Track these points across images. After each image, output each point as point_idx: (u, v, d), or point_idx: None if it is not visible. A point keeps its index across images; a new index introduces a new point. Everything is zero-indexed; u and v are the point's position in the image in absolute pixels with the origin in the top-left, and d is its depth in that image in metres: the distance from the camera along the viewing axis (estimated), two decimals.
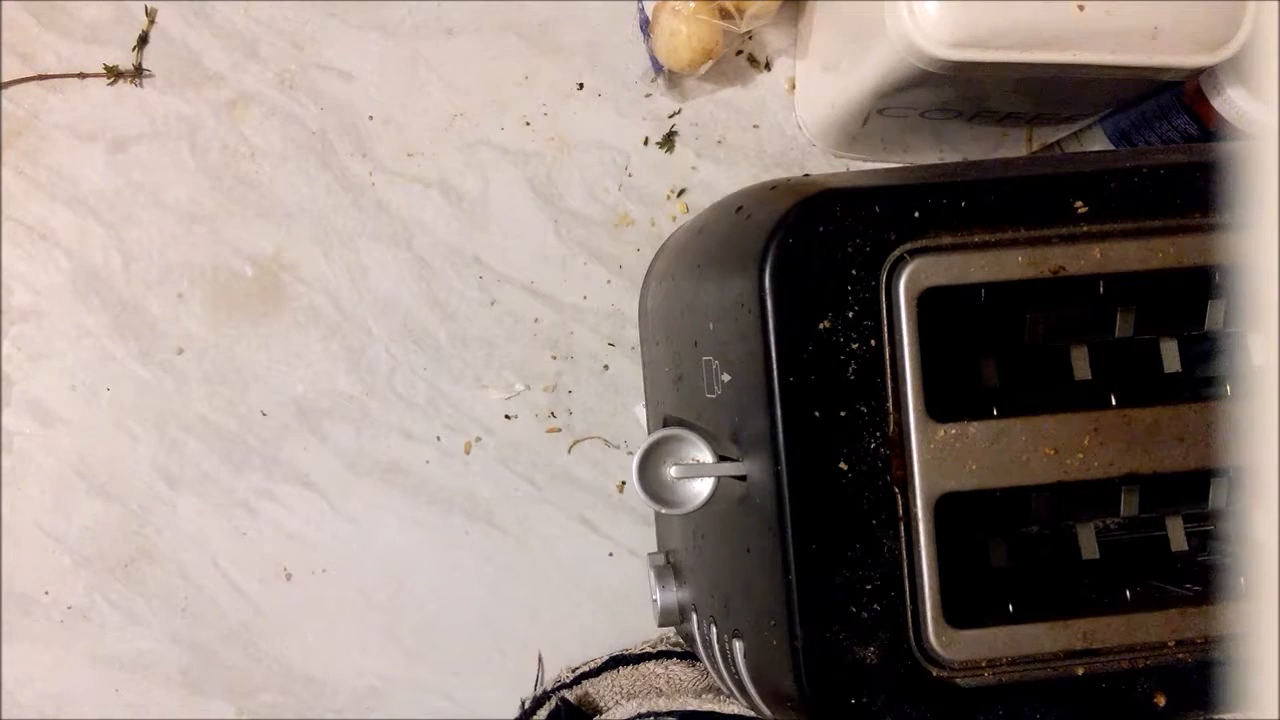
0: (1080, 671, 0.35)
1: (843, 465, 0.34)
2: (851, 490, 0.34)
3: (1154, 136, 0.56)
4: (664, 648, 0.62)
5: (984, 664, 0.35)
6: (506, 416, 0.63)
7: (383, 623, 0.63)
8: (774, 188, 0.38)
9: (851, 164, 0.65)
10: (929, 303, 0.35)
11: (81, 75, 0.61)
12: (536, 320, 0.63)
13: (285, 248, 0.62)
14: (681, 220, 0.63)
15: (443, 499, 0.63)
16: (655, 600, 0.52)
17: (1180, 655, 0.35)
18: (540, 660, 0.64)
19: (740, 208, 0.40)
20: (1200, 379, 0.41)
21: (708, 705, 0.57)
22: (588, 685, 0.61)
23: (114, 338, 0.61)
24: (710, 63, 0.59)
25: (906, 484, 0.35)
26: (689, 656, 0.61)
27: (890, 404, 0.35)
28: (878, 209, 0.34)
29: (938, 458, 0.35)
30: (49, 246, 0.61)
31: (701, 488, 0.40)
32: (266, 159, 0.62)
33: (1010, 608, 0.36)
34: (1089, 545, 0.39)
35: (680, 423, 0.48)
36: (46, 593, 0.62)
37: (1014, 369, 0.39)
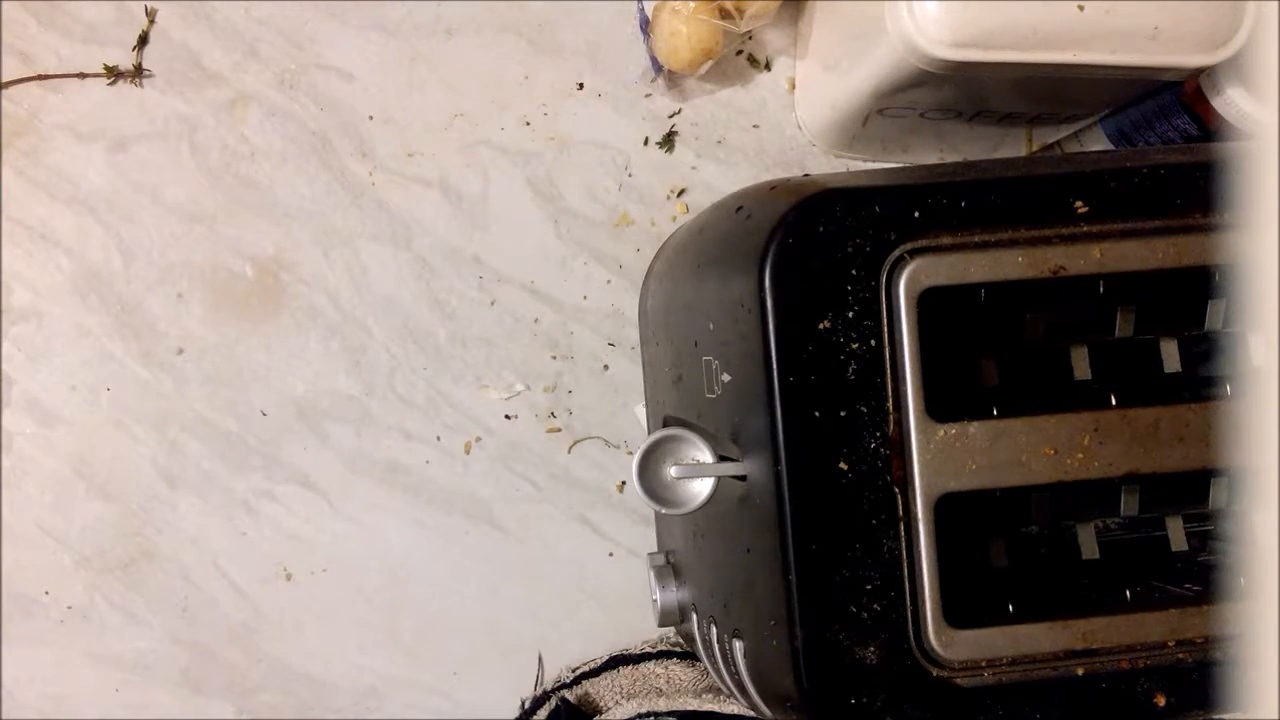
0: (1080, 671, 0.35)
1: (843, 465, 0.34)
2: (851, 490, 0.34)
3: (1154, 136, 0.56)
4: (664, 648, 0.62)
5: (984, 664, 0.35)
6: (506, 416, 0.63)
7: (383, 623, 0.63)
8: (774, 188, 0.38)
9: (851, 164, 0.65)
10: (929, 303, 0.35)
11: (81, 75, 0.61)
12: (536, 320, 0.63)
13: (285, 248, 0.62)
14: (681, 220, 0.63)
15: (443, 499, 0.63)
16: (655, 600, 0.52)
17: (1180, 655, 0.35)
18: (540, 660, 0.64)
19: (740, 208, 0.40)
20: (1200, 379, 0.41)
21: (708, 705, 0.57)
22: (588, 685, 0.61)
23: (114, 338, 0.61)
24: (710, 63, 0.59)
25: (906, 484, 0.35)
26: (689, 656, 0.61)
27: (890, 404, 0.35)
28: (878, 209, 0.34)
29: (938, 458, 0.35)
30: (49, 246, 0.61)
31: (701, 488, 0.40)
32: (266, 159, 0.62)
33: (1010, 608, 0.36)
34: (1089, 545, 0.39)
35: (680, 423, 0.48)
36: (46, 593, 0.62)
37: (1014, 369, 0.39)
